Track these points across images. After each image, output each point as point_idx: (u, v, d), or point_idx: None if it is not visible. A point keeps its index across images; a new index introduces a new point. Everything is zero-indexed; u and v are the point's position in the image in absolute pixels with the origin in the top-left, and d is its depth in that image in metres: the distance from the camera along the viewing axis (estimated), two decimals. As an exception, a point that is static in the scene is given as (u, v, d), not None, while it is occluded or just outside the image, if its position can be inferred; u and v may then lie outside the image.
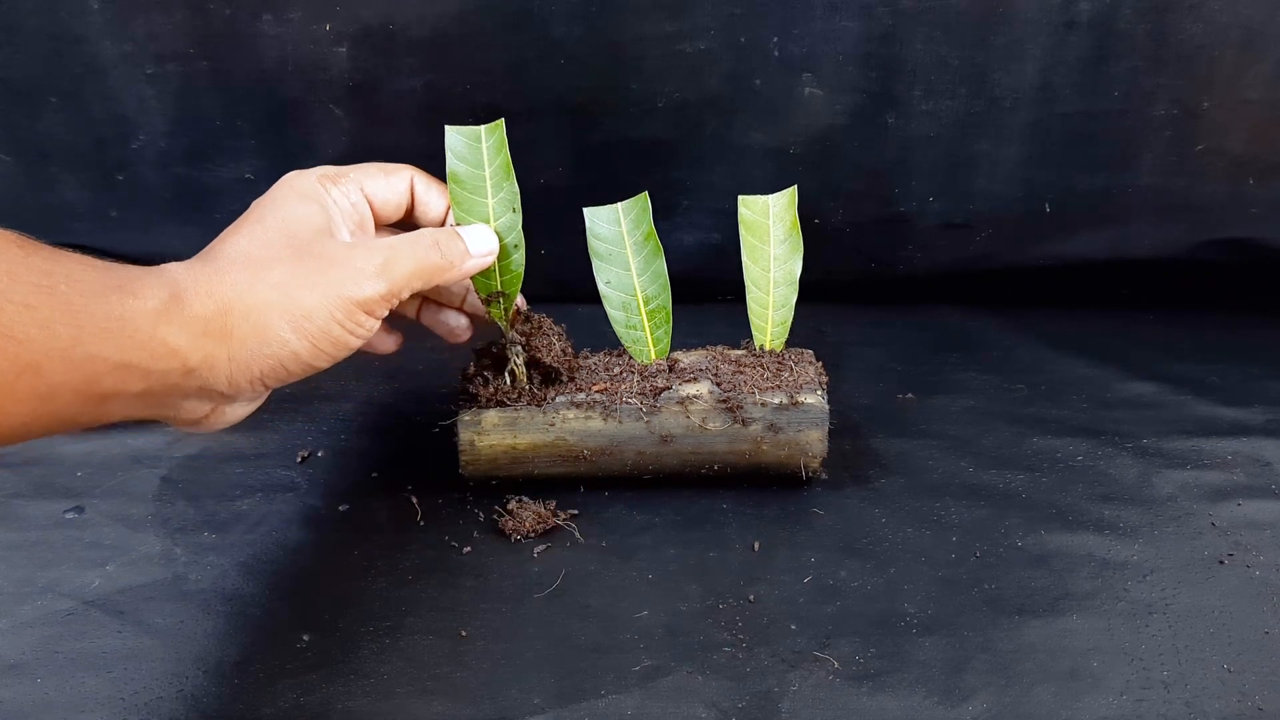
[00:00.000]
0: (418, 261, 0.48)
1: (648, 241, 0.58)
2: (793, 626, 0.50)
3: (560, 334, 0.58)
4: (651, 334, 0.59)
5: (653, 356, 0.59)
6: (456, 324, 0.59)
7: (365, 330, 0.46)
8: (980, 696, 0.47)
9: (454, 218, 0.54)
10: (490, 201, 0.54)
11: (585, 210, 0.58)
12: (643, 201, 0.58)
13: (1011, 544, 0.56)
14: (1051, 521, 0.57)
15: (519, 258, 0.55)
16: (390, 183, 0.53)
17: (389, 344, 0.57)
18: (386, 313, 0.47)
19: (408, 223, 0.56)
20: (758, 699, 0.47)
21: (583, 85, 0.68)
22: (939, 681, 0.47)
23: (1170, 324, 0.77)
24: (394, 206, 0.54)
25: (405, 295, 0.48)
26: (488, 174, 0.54)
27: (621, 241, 0.58)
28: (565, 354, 0.58)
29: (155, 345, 0.39)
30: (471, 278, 0.54)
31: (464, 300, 0.59)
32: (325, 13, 0.64)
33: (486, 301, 0.55)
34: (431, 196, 0.55)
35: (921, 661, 0.48)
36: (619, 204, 0.59)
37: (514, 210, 0.54)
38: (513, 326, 0.57)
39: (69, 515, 0.57)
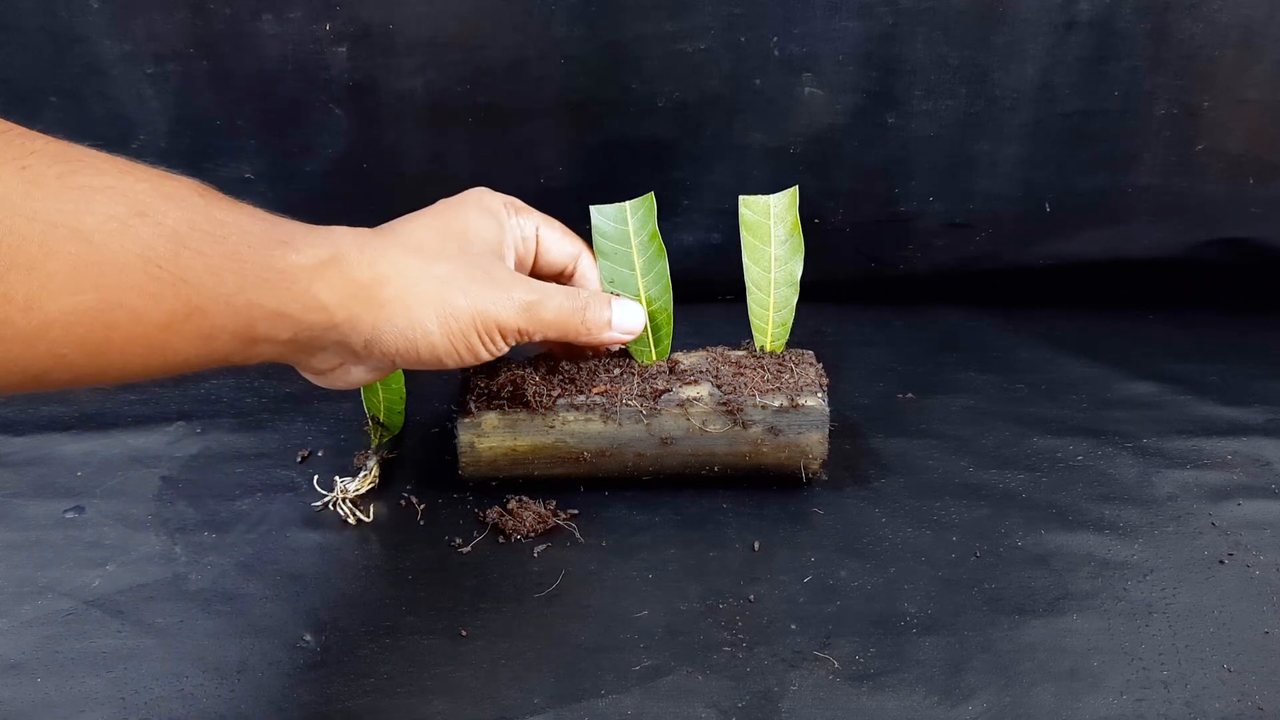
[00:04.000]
0: (560, 317, 0.51)
1: (652, 242, 0.58)
2: (793, 626, 0.50)
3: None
4: (653, 335, 0.59)
5: (653, 358, 0.59)
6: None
7: (494, 349, 0.50)
8: (980, 696, 0.47)
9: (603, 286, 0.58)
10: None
11: (591, 208, 0.58)
12: (649, 201, 0.58)
13: (1011, 544, 0.56)
14: (1051, 521, 0.57)
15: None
16: (563, 244, 0.56)
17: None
18: (514, 343, 0.51)
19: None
20: (758, 699, 0.47)
21: (583, 85, 0.68)
22: (939, 681, 0.47)
23: (1170, 324, 0.77)
24: (556, 265, 0.56)
25: (537, 339, 0.52)
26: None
27: (627, 240, 0.58)
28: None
29: (309, 299, 0.43)
30: (366, 396, 0.59)
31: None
32: (325, 13, 0.64)
33: (372, 421, 0.61)
34: (589, 280, 0.57)
35: (921, 661, 0.48)
36: (626, 202, 0.58)
37: None
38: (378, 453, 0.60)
39: (69, 515, 0.57)
